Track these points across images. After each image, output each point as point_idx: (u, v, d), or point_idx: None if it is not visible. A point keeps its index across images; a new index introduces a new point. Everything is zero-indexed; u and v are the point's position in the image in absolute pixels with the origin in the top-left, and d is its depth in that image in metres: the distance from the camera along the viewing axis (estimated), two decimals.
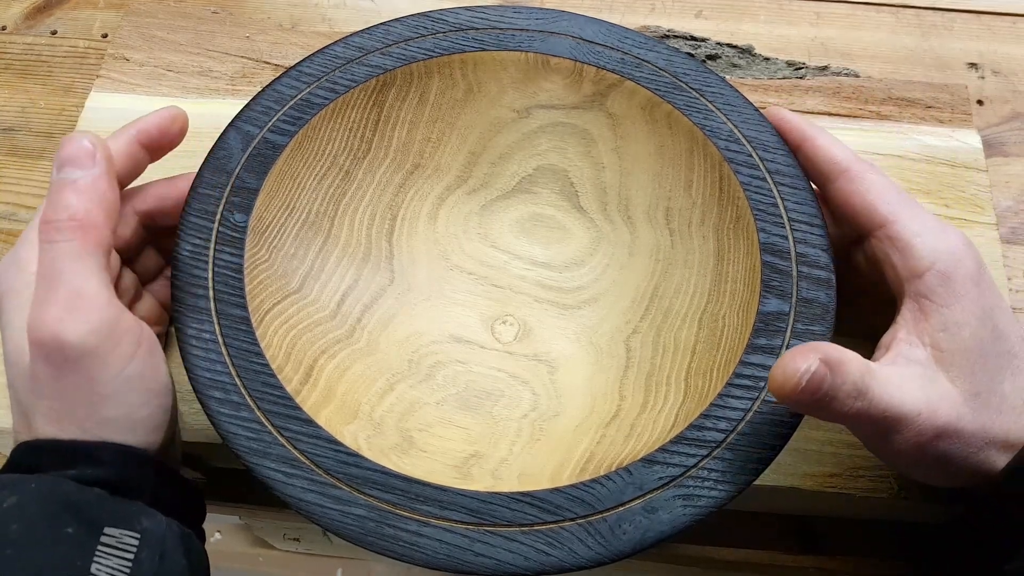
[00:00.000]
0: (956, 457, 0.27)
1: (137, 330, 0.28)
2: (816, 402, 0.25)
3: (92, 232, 0.27)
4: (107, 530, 0.25)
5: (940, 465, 0.28)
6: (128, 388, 0.27)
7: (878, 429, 0.27)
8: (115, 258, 0.32)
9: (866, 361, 0.27)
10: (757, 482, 0.28)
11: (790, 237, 0.32)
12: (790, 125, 0.34)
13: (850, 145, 0.35)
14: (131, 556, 0.25)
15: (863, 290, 0.32)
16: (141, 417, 0.28)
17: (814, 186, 0.33)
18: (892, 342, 0.29)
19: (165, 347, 0.36)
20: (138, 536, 0.26)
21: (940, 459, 0.27)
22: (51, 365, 0.26)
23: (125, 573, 0.25)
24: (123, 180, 0.31)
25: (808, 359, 0.25)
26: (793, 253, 0.32)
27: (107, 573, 0.25)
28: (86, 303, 0.27)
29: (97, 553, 0.25)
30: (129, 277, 0.33)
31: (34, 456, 0.27)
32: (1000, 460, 0.28)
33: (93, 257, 0.27)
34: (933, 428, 0.26)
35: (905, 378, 0.27)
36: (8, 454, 0.29)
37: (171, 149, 0.33)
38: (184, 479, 0.30)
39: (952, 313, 0.28)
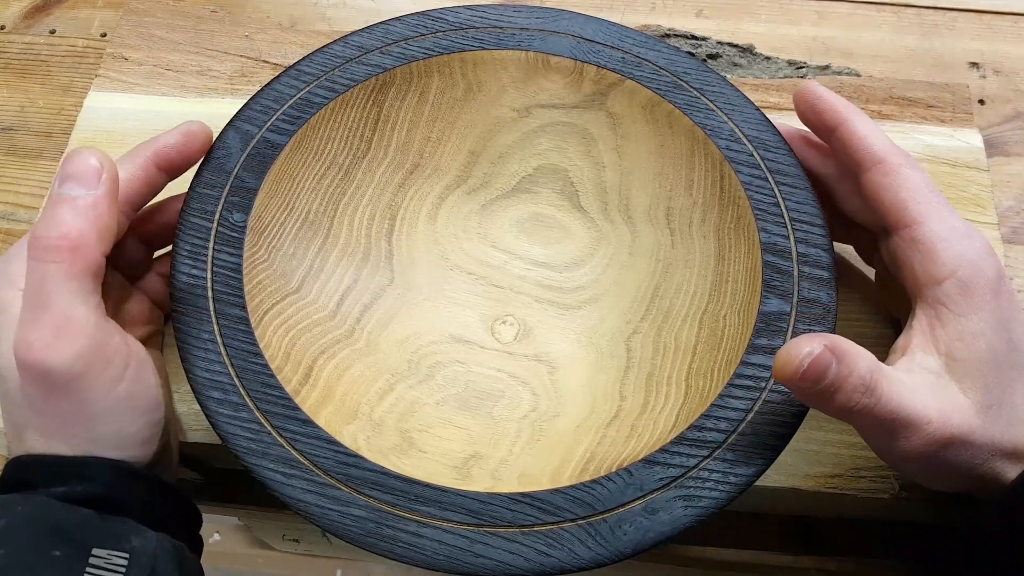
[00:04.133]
0: (962, 466, 0.27)
1: (125, 351, 0.28)
2: (820, 392, 0.25)
3: (82, 254, 0.26)
4: (95, 551, 0.25)
5: (945, 472, 0.28)
6: (117, 408, 0.27)
7: (885, 431, 0.26)
8: None
9: (877, 360, 0.26)
10: (758, 483, 0.28)
11: (791, 237, 0.32)
12: (825, 105, 0.32)
13: None
14: None
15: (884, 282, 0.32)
16: (131, 433, 0.28)
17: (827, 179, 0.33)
18: (907, 347, 0.29)
19: (163, 347, 0.36)
20: (127, 556, 0.26)
21: (946, 467, 0.27)
22: (39, 388, 0.26)
23: None
24: (136, 203, 0.31)
25: (813, 344, 0.25)
26: (794, 253, 0.32)
27: None
28: (73, 328, 0.26)
29: (85, 575, 0.25)
30: (114, 277, 0.32)
31: (25, 471, 0.27)
32: (1008, 470, 0.28)
33: (81, 280, 0.26)
34: (943, 437, 0.26)
35: (918, 384, 0.27)
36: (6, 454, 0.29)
37: (191, 167, 0.33)
38: (176, 490, 0.30)
39: (969, 323, 0.28)
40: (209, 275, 0.31)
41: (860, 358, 0.25)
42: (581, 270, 0.38)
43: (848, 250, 0.37)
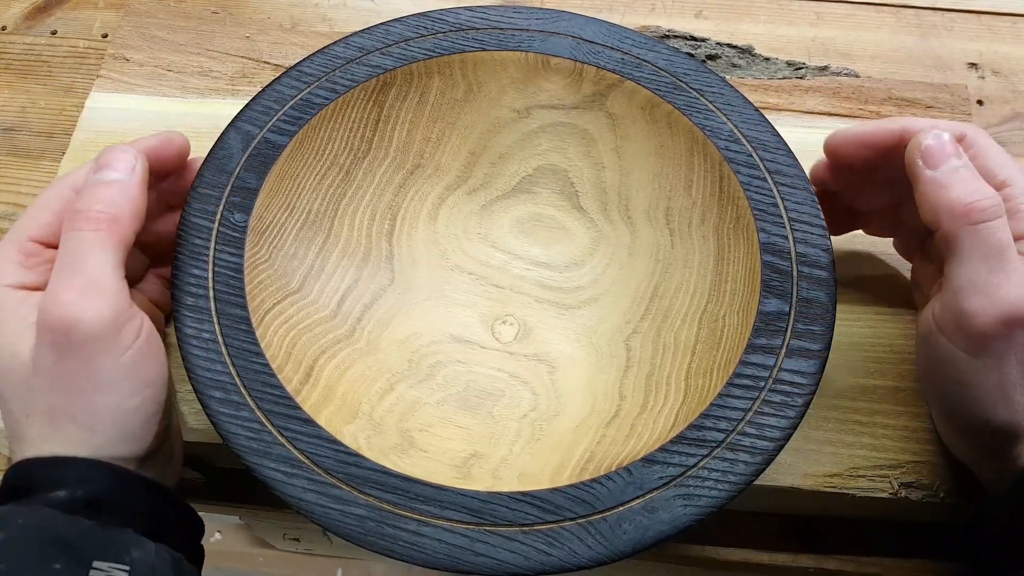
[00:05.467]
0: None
1: (138, 323, 0.29)
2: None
3: (117, 227, 0.28)
4: (96, 564, 0.25)
5: (995, 385, 0.28)
6: (122, 376, 0.28)
7: (980, 273, 0.27)
8: None
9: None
10: (757, 482, 0.28)
11: (790, 237, 0.32)
12: (873, 133, 0.32)
13: None
14: None
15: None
16: (131, 408, 0.28)
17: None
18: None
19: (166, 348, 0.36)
20: (127, 568, 0.26)
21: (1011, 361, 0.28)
22: (55, 350, 0.27)
23: None
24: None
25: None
26: (793, 253, 0.32)
27: None
28: (100, 289, 0.27)
29: None
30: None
31: (26, 476, 0.27)
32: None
33: (114, 251, 0.28)
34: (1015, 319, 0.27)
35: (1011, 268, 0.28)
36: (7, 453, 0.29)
37: (169, 175, 0.33)
38: (177, 498, 0.30)
39: None
40: (210, 275, 0.31)
41: None
42: (581, 270, 0.38)
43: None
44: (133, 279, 0.34)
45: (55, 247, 0.29)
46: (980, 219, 0.28)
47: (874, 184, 0.34)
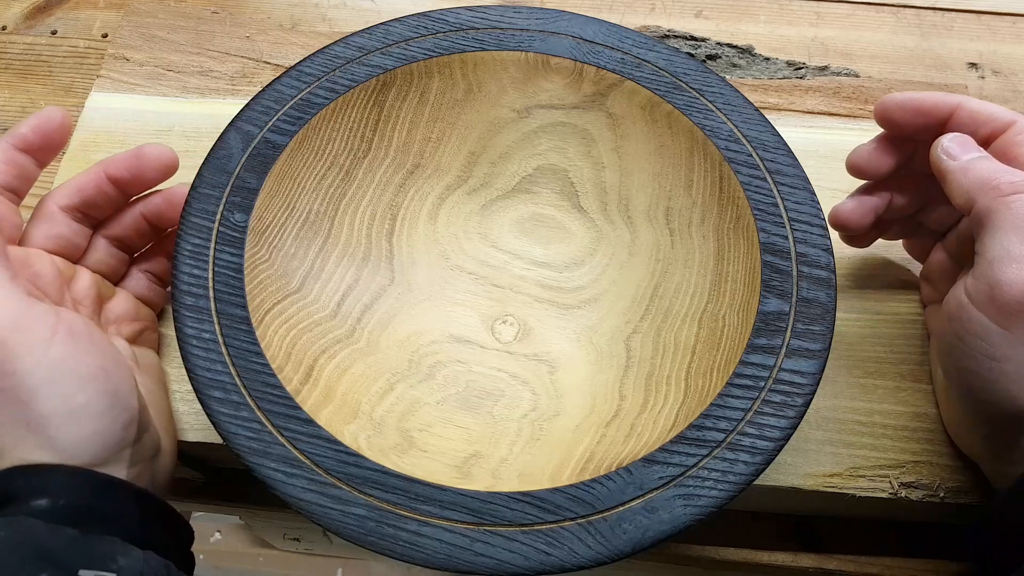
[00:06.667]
0: None
1: (51, 317, 0.28)
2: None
3: None
4: (81, 572, 0.25)
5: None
6: (54, 375, 0.27)
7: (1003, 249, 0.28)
8: (62, 262, 0.32)
9: None
10: (757, 482, 0.28)
11: (790, 237, 0.32)
12: (927, 100, 0.33)
13: (850, 145, 0.35)
14: None
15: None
16: (79, 405, 0.27)
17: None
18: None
19: (159, 346, 0.36)
20: None
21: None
22: None
23: None
24: (15, 188, 0.32)
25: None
26: (793, 253, 0.32)
27: None
28: None
29: None
30: (86, 278, 0.33)
31: (6, 484, 0.27)
32: None
33: None
34: None
35: None
36: None
37: (58, 150, 0.33)
38: (164, 504, 0.29)
39: None
40: (210, 275, 0.31)
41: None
42: (581, 270, 0.38)
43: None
44: (113, 275, 0.35)
45: None
46: (1012, 191, 0.29)
47: (903, 182, 0.35)
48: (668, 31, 0.47)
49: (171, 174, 0.34)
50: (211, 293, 0.30)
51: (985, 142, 0.32)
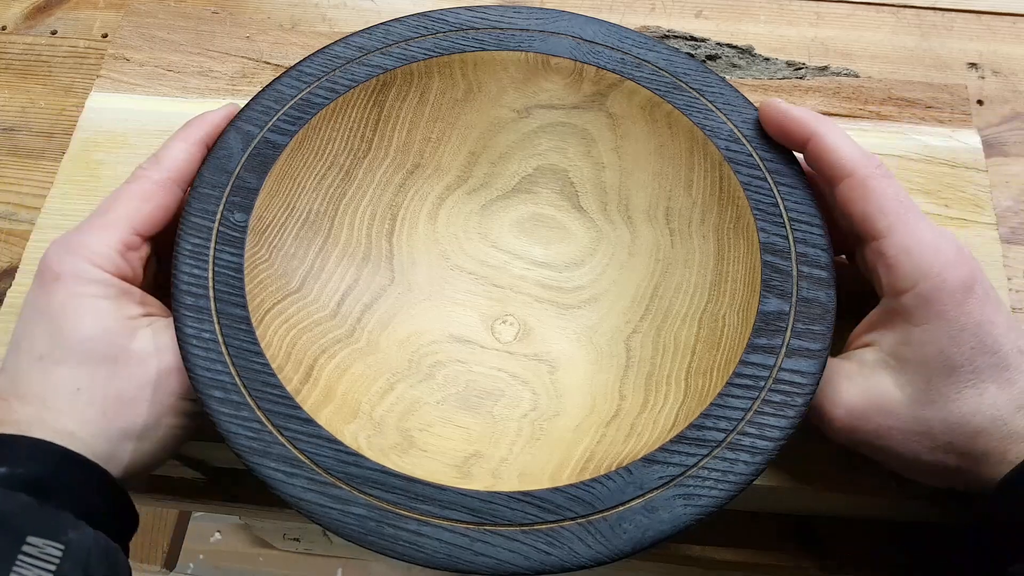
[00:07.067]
0: (909, 455, 0.29)
1: (138, 295, 0.31)
2: None
3: (157, 188, 0.32)
4: (30, 539, 0.25)
5: (899, 461, 0.30)
6: (87, 307, 0.29)
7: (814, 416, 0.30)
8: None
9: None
10: (757, 482, 0.28)
11: (790, 237, 0.32)
12: (792, 121, 0.32)
13: None
14: (53, 567, 0.25)
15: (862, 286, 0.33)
16: (91, 336, 0.29)
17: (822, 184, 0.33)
18: (853, 339, 0.32)
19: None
20: (62, 548, 0.25)
21: (895, 455, 0.29)
22: (38, 282, 0.30)
23: None
24: (189, 180, 0.33)
25: None
26: (793, 253, 0.32)
27: None
28: (111, 231, 0.30)
29: (17, 562, 0.24)
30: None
31: None
32: (974, 467, 0.28)
33: (140, 205, 0.31)
34: (861, 423, 0.29)
35: (841, 375, 0.30)
36: None
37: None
38: (120, 489, 0.29)
39: (921, 333, 0.28)
40: (210, 274, 0.31)
41: None
42: (581, 270, 0.38)
43: None
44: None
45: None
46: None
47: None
48: (668, 31, 0.47)
49: None
50: (211, 293, 0.30)
51: (828, 186, 0.32)
